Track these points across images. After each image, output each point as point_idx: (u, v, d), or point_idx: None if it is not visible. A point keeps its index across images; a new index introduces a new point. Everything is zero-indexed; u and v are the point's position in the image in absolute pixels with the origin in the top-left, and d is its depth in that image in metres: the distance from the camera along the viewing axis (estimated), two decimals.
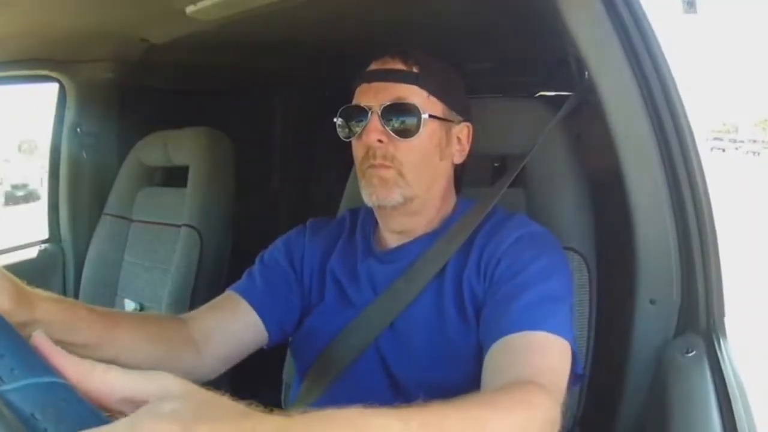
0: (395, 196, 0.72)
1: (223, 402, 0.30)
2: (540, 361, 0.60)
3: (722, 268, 0.78)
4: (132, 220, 1.50)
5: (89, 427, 0.26)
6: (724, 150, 21.80)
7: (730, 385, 0.69)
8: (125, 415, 0.28)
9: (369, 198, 0.73)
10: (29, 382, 0.29)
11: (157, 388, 0.30)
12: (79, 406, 0.29)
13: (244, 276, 0.81)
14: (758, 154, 21.15)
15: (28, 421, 0.27)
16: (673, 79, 0.75)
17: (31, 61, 1.37)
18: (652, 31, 0.74)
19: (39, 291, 0.53)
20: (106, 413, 0.29)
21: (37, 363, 0.30)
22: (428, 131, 0.73)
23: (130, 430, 0.26)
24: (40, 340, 0.32)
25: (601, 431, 0.89)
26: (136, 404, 0.29)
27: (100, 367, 0.31)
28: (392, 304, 0.74)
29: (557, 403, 0.54)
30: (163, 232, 1.41)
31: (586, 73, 0.81)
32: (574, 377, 0.66)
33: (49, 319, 0.52)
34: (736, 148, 22.84)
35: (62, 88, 1.50)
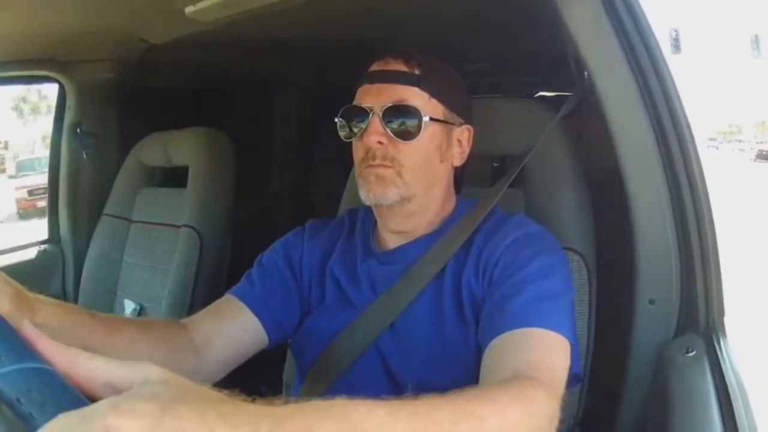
0: (391, 195, 0.72)
1: (204, 389, 0.31)
2: (538, 357, 0.59)
3: (721, 268, 0.79)
4: (132, 221, 1.50)
5: (72, 410, 0.27)
6: (717, 148, 27.42)
7: (730, 385, 0.69)
8: None
9: (366, 196, 0.73)
10: (15, 368, 0.30)
11: (140, 375, 0.31)
12: (62, 390, 0.30)
13: (243, 279, 0.81)
14: (744, 150, 25.42)
15: (14, 405, 0.28)
16: (672, 78, 0.75)
17: (31, 62, 1.37)
18: (651, 30, 0.74)
19: (40, 296, 0.54)
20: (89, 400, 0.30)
21: (23, 350, 0.31)
22: (429, 133, 0.73)
23: (110, 410, 0.26)
24: (27, 329, 0.33)
25: (601, 431, 0.88)
26: (118, 391, 0.30)
27: (86, 354, 0.32)
28: (392, 304, 0.74)
29: (555, 399, 0.53)
30: (163, 233, 1.41)
31: (586, 72, 0.81)
32: (574, 376, 0.66)
33: (50, 324, 0.52)
34: (732, 149, 28.02)
35: (62, 89, 1.50)
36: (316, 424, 0.32)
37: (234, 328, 0.75)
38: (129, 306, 1.41)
